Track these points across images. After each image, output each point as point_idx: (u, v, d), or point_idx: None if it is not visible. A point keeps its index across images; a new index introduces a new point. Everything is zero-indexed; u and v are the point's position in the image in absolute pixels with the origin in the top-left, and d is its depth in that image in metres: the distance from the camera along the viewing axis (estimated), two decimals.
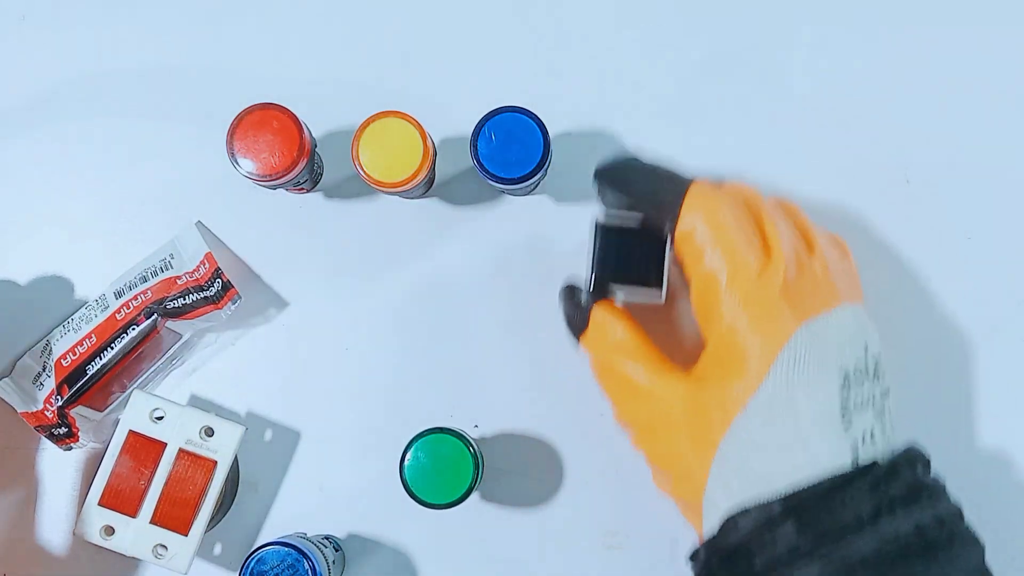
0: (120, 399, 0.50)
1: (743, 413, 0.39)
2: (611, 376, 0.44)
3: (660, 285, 0.44)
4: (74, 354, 0.48)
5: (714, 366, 0.41)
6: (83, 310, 0.50)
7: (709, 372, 0.41)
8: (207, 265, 0.49)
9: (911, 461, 0.39)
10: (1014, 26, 0.52)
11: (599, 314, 0.44)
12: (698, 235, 0.41)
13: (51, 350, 0.49)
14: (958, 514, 0.40)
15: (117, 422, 0.47)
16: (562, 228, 0.51)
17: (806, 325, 0.39)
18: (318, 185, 0.52)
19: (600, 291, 0.45)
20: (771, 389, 0.39)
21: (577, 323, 0.45)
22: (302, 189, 0.51)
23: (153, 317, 0.48)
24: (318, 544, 0.47)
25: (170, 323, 0.49)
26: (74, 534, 0.48)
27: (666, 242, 0.44)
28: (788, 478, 0.38)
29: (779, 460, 0.38)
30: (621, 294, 0.46)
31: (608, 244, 0.45)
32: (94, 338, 0.49)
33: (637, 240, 0.44)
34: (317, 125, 0.50)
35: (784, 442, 0.38)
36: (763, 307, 0.39)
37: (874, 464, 0.38)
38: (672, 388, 0.41)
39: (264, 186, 0.47)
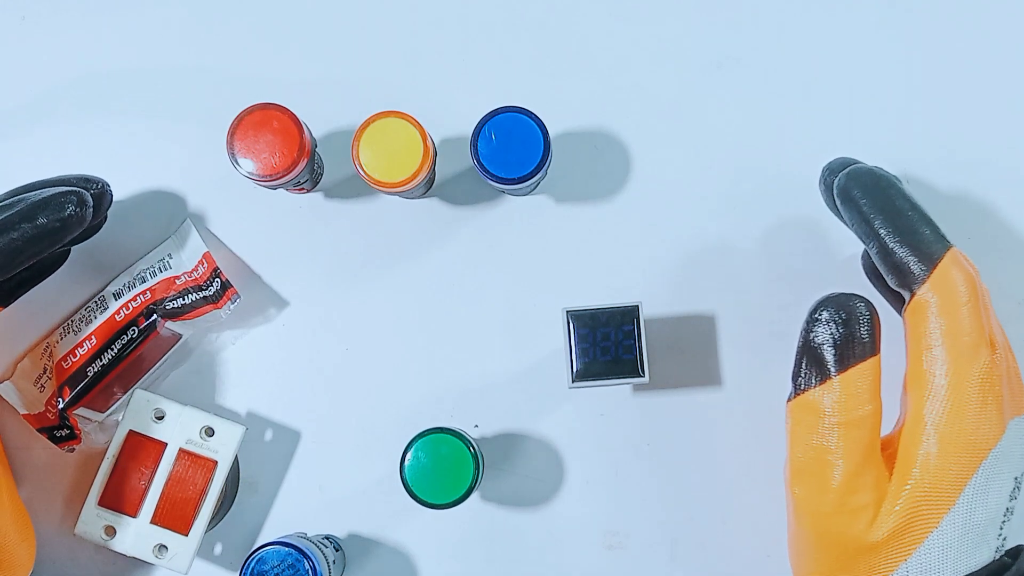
0: (121, 400, 0.50)
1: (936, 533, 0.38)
2: (822, 448, 0.40)
3: (643, 373, 0.45)
4: (75, 356, 0.48)
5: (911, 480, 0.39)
6: (82, 311, 0.50)
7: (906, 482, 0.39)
8: (205, 265, 0.49)
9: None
10: (1014, 25, 0.52)
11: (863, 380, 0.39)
12: (936, 310, 0.39)
13: (51, 352, 0.49)
14: None
15: (118, 422, 0.47)
16: (562, 228, 0.51)
17: (1013, 424, 0.38)
18: (318, 185, 0.52)
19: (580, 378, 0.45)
20: (966, 506, 0.38)
21: (854, 352, 0.39)
22: (302, 189, 0.51)
23: (153, 318, 0.48)
24: (318, 544, 0.47)
25: (170, 323, 0.49)
26: (74, 534, 0.48)
27: (638, 319, 0.45)
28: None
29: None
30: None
31: (583, 333, 0.45)
32: (94, 339, 0.48)
33: (612, 322, 0.45)
34: (317, 125, 0.50)
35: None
36: (977, 404, 0.38)
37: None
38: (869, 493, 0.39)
39: (264, 186, 0.47)
